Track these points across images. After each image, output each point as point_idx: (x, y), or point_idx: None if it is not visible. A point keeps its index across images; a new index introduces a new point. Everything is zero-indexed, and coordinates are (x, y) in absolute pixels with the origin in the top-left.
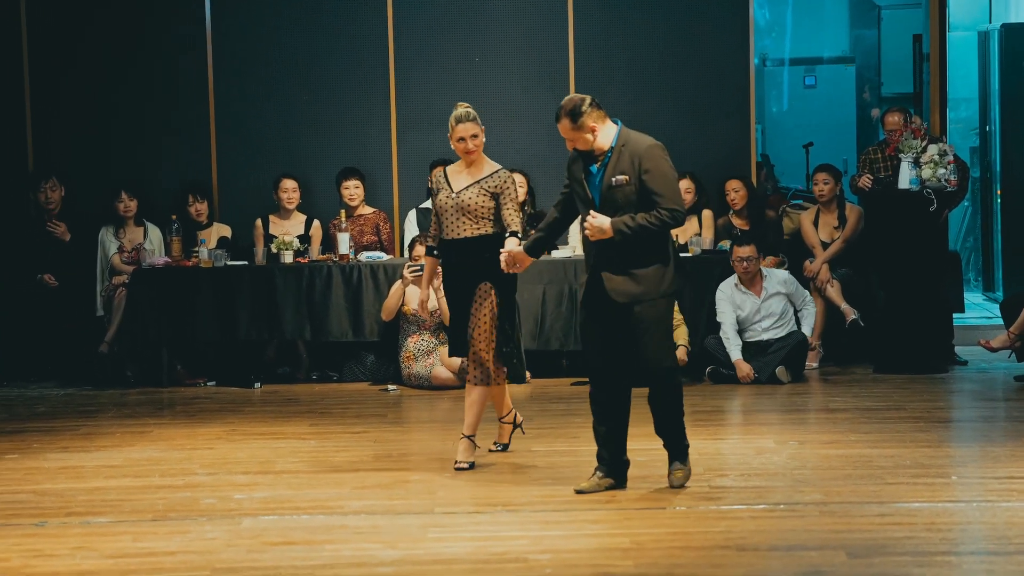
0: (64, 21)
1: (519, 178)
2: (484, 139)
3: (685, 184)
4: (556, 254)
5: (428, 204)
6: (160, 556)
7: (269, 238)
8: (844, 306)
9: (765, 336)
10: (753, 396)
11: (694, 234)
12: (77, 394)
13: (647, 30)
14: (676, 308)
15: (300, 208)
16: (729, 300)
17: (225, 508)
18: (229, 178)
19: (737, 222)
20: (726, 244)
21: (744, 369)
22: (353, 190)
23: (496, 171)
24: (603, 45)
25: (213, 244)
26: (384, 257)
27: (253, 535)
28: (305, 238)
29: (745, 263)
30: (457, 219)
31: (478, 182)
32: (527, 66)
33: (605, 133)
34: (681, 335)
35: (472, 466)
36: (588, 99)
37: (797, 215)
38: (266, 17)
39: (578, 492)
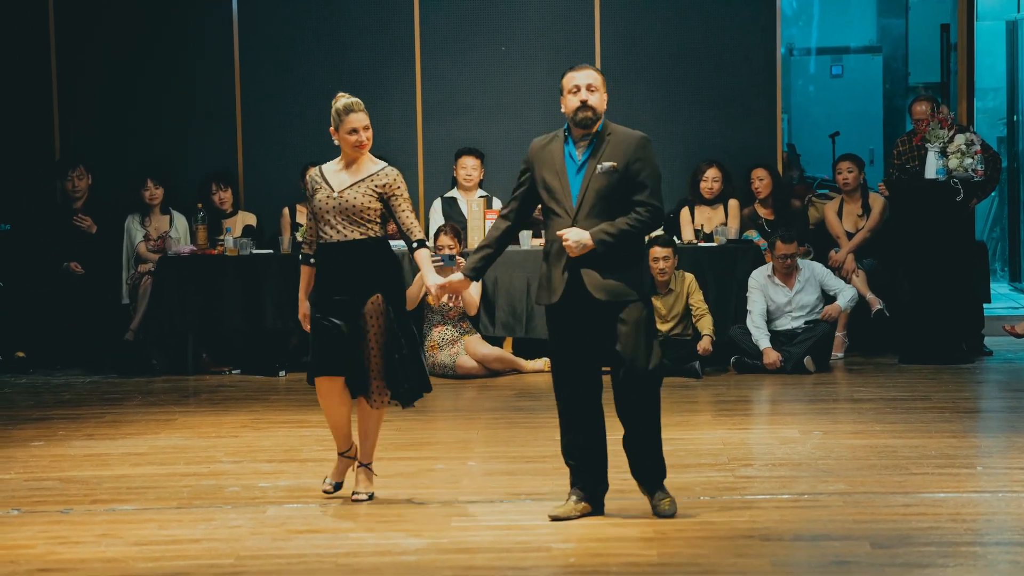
0: (90, 9)
1: None
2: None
3: (712, 173)
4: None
5: (453, 193)
6: (185, 544)
7: (296, 227)
8: (869, 296)
9: (792, 325)
10: (778, 386)
11: (720, 223)
12: (102, 382)
13: (674, 19)
14: (701, 298)
15: None
16: (761, 290)
17: (250, 496)
18: (255, 166)
19: (762, 211)
20: (752, 234)
21: (771, 356)
22: None
23: (381, 168)
24: (629, 34)
25: (238, 232)
26: None
27: (278, 523)
28: None
29: (789, 259)
30: (339, 221)
31: (362, 180)
32: (553, 55)
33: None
34: (706, 324)
35: (372, 497)
36: None
37: (822, 205)
38: (293, 4)
39: (553, 519)
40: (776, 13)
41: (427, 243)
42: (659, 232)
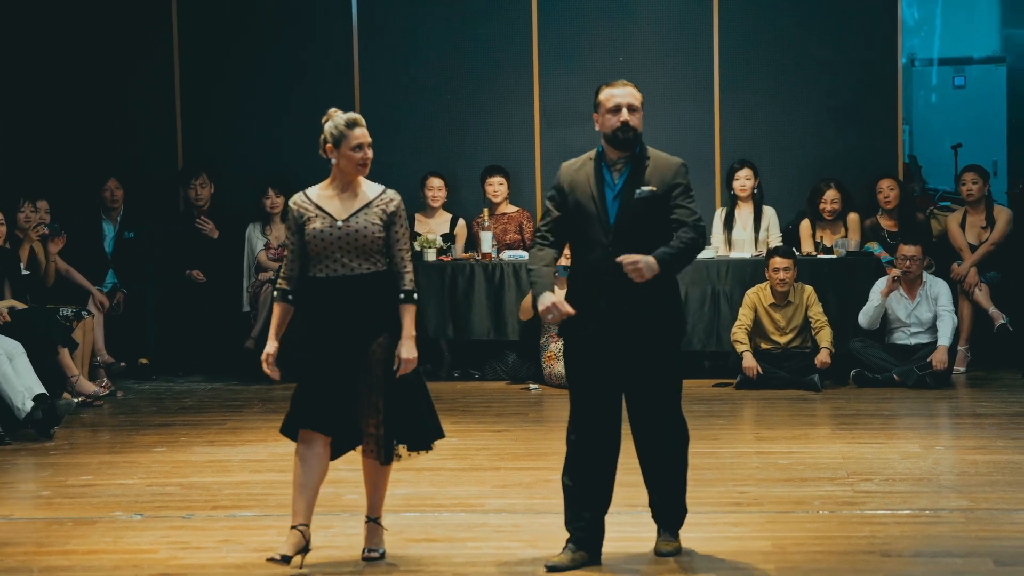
0: (213, 20)
1: None
2: None
3: (831, 195)
4: (700, 255)
5: None
6: None
7: (414, 236)
8: (992, 310)
9: (912, 341)
10: (898, 400)
11: (840, 236)
12: (223, 389)
13: (793, 31)
14: (820, 310)
15: (445, 206)
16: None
17: None
18: (374, 176)
19: (886, 223)
20: (874, 246)
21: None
22: (497, 186)
23: (383, 191)
24: (748, 46)
25: None
26: (526, 256)
27: (395, 532)
28: (450, 236)
29: (908, 262)
30: (344, 254)
31: (368, 206)
32: (671, 67)
33: None
34: (825, 337)
35: (384, 555)
36: None
37: (944, 217)
38: (411, 14)
39: (549, 569)
40: (897, 23)
41: (414, 295)
42: (779, 243)
